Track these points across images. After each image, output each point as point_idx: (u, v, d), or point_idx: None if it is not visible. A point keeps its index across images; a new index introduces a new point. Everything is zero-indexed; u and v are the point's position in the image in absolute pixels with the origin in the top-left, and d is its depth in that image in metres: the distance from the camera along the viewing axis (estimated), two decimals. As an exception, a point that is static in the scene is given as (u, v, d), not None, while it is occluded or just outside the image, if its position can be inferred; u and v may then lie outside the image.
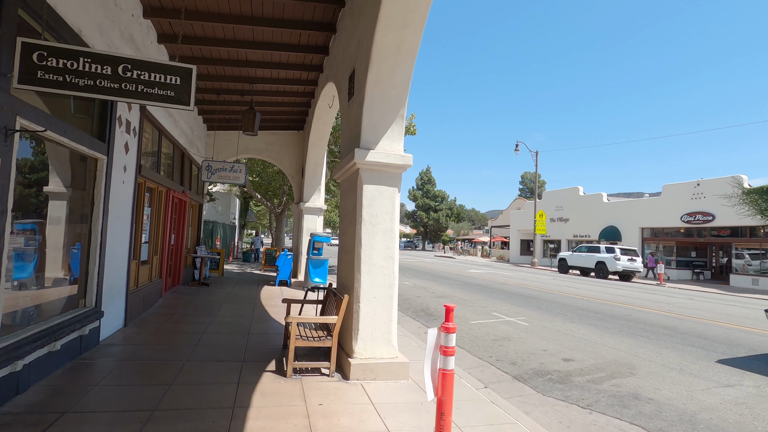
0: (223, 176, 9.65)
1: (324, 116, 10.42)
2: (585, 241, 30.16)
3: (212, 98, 9.98)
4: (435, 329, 2.68)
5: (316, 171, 12.33)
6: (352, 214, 4.88)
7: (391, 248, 4.75)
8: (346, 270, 5.02)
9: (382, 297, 4.66)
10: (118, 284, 5.67)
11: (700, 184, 22.88)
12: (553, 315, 9.38)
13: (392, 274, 4.73)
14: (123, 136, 5.55)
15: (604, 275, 21.96)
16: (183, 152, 9.41)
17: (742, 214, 19.52)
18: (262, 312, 7.80)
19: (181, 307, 7.68)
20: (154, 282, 7.69)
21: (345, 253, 5.19)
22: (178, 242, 9.67)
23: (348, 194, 5.15)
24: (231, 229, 22.05)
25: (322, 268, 11.45)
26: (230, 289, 10.43)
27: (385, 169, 4.76)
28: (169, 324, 6.39)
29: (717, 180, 22.02)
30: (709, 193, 22.32)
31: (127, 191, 5.83)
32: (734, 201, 20.03)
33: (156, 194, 7.58)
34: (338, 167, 5.48)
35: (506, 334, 7.37)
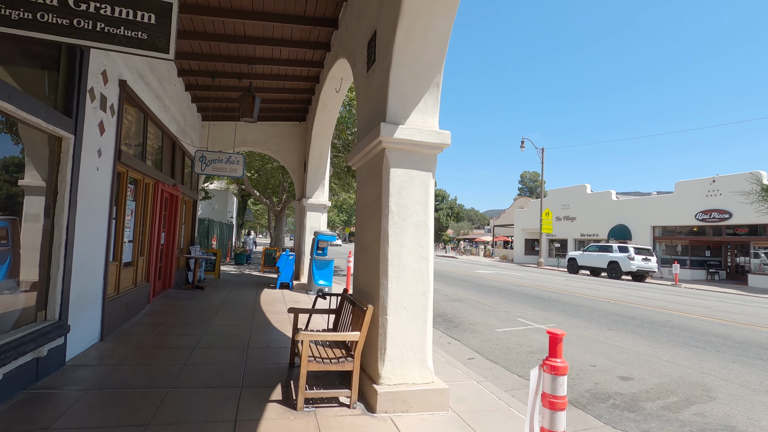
0: (218, 168, 8.73)
1: (330, 103, 9.50)
2: (592, 241, 29.33)
3: (206, 82, 9.04)
4: (537, 369, 1.79)
5: (320, 164, 11.42)
6: (375, 206, 3.97)
7: (425, 247, 3.84)
8: (367, 274, 4.12)
9: (414, 307, 3.76)
10: (91, 291, 4.75)
11: (715, 181, 22.05)
12: (585, 321, 8.49)
13: (426, 278, 3.82)
14: (96, 114, 4.63)
15: (617, 275, 21.11)
16: (174, 142, 8.49)
17: (761, 211, 18.72)
18: (262, 320, 6.88)
19: (171, 315, 6.75)
20: (139, 286, 6.76)
21: (364, 254, 4.28)
22: (168, 241, 8.75)
23: (368, 182, 4.24)
24: (228, 228, 21.11)
25: (326, 270, 10.53)
26: (227, 293, 9.51)
27: (417, 149, 3.86)
28: (155, 336, 5.47)
29: (734, 176, 21.19)
30: (725, 190, 21.49)
31: (103, 180, 4.91)
32: (753, 198, 19.20)
33: (142, 186, 6.65)
34: (354, 151, 4.57)
35: (542, 345, 6.47)
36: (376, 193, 3.97)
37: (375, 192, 4.00)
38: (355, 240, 4.72)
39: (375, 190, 4.00)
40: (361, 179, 4.56)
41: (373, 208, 4.03)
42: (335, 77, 8.18)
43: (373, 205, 4.06)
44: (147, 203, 7.08)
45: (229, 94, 9.83)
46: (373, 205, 4.04)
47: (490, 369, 5.34)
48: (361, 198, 4.51)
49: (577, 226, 31.06)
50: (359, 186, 4.67)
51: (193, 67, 8.31)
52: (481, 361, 5.64)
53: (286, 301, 9.03)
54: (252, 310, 7.74)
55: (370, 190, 4.16)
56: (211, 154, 8.80)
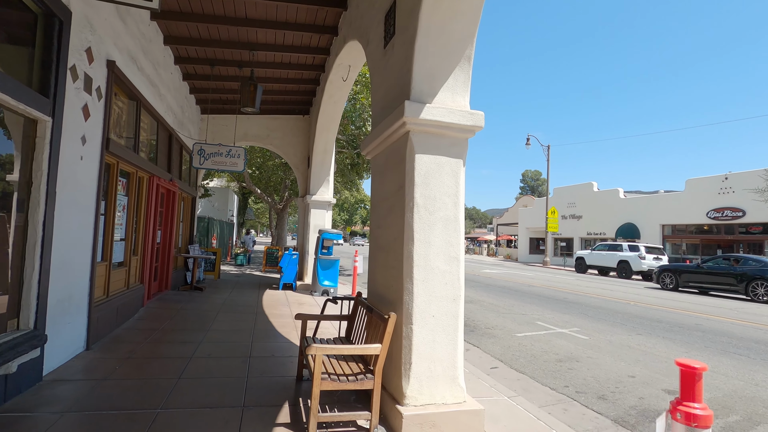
0: (218, 162, 8.22)
1: (336, 93, 8.98)
2: (599, 239, 28.83)
3: (205, 71, 8.53)
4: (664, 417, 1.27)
5: (325, 159, 10.91)
6: (396, 199, 3.46)
7: (455, 245, 3.33)
8: (387, 277, 3.60)
9: (443, 315, 3.24)
10: (75, 295, 4.24)
11: (728, 178, 21.51)
12: (610, 325, 7.97)
13: (457, 282, 3.31)
14: (80, 96, 4.12)
15: (628, 275, 20.58)
16: (171, 134, 7.97)
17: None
18: (265, 324, 6.37)
19: (167, 319, 6.25)
20: (132, 288, 6.25)
21: (382, 253, 3.77)
22: (165, 240, 8.24)
23: (388, 172, 3.73)
24: (229, 227, 20.62)
25: (332, 270, 10.03)
26: (227, 295, 9.00)
27: (446, 132, 3.34)
28: (148, 344, 4.96)
29: (748, 173, 20.65)
30: (738, 187, 20.95)
31: (89, 171, 4.39)
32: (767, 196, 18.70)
33: (134, 180, 6.14)
34: (370, 138, 4.06)
35: (569, 351, 5.96)
36: (397, 184, 3.46)
37: (396, 182, 3.49)
38: (371, 237, 4.20)
39: (396, 180, 3.49)
40: (378, 169, 4.05)
41: (394, 200, 3.52)
42: (342, 65, 7.66)
43: (393, 198, 3.54)
44: (141, 199, 6.57)
45: (229, 84, 9.32)
46: (393, 198, 3.52)
47: (517, 380, 4.83)
48: (378, 190, 3.99)
49: (584, 224, 30.54)
50: (375, 177, 4.16)
51: (191, 53, 7.80)
52: (506, 371, 5.13)
53: (289, 302, 8.52)
54: (254, 313, 7.23)
55: (390, 180, 3.65)
56: (211, 147, 8.29)
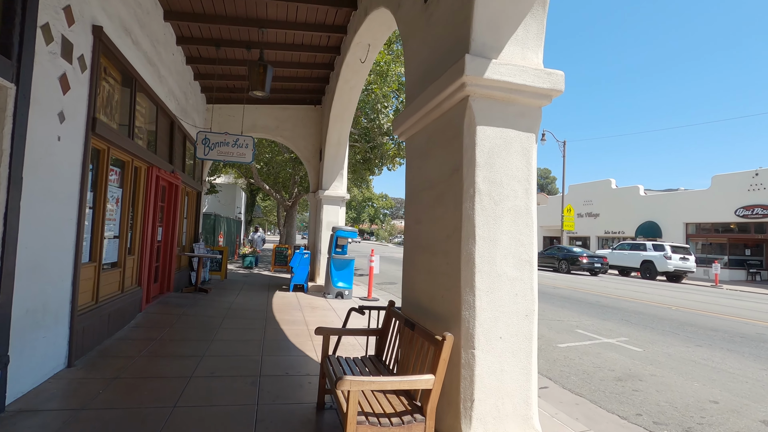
0: (224, 152, 7.52)
1: (352, 78, 8.24)
2: (617, 238, 27.83)
3: (210, 53, 7.83)
4: None
5: (338, 152, 10.18)
6: (448, 185, 2.70)
7: (527, 245, 2.57)
8: (433, 285, 2.85)
9: (513, 336, 2.48)
10: (52, 303, 3.54)
11: (758, 174, 20.43)
12: (660, 334, 7.15)
13: (530, 292, 2.55)
14: (57, 63, 3.41)
15: (652, 276, 19.62)
16: (173, 121, 7.27)
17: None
18: (276, 333, 5.66)
19: (167, 327, 5.55)
20: (128, 292, 5.56)
21: (425, 255, 3.01)
22: (167, 238, 7.56)
23: (436, 152, 2.96)
24: (236, 225, 20.00)
25: (346, 270, 9.30)
26: (234, 297, 8.31)
27: (515, 99, 2.58)
28: (143, 359, 4.26)
29: (780, 169, 19.59)
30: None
31: (70, 155, 3.69)
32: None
33: (130, 170, 5.44)
34: (407, 113, 3.30)
35: (626, 367, 5.16)
36: (449, 166, 2.70)
37: (447, 164, 2.73)
38: (407, 235, 3.45)
39: (447, 161, 2.73)
40: (418, 151, 3.29)
41: (444, 188, 2.76)
42: (361, 43, 6.91)
43: (443, 184, 2.78)
44: (138, 191, 5.87)
45: (236, 69, 8.60)
46: (444, 184, 2.76)
47: (576, 405, 4.05)
48: (419, 176, 3.23)
49: (601, 222, 29.54)
50: (413, 161, 3.40)
51: (194, 32, 7.09)
52: (559, 392, 4.35)
53: (301, 306, 7.81)
54: (263, 318, 6.52)
55: (438, 163, 2.89)
56: (216, 136, 7.58)
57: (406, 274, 3.43)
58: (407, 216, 3.50)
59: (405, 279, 3.44)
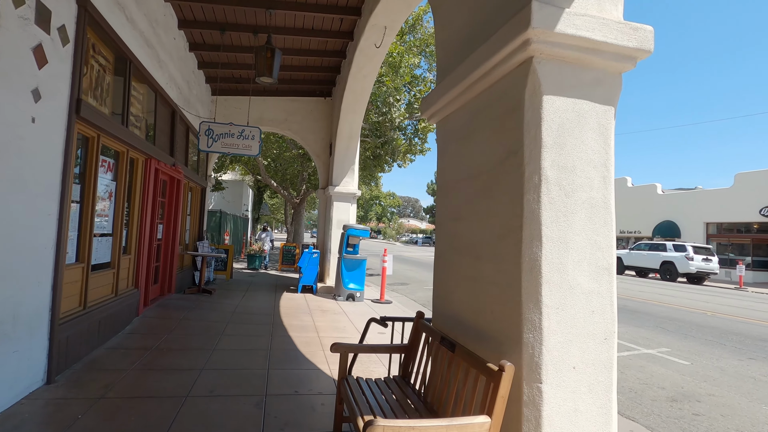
0: (229, 145, 7.02)
1: (366, 66, 7.71)
2: (633, 238, 27.04)
3: (215, 39, 7.33)
4: None
5: (350, 146, 9.66)
6: (502, 172, 2.16)
7: (606, 248, 2.01)
8: (478, 297, 2.30)
9: (589, 366, 1.93)
10: (24, 312, 3.05)
11: (786, 172, 19.56)
12: (703, 344, 6.53)
13: (609, 308, 2.00)
14: (29, 31, 2.91)
15: (672, 277, 18.87)
16: (174, 111, 6.79)
17: None
18: (284, 341, 5.15)
19: (165, 334, 5.07)
20: (122, 295, 5.08)
21: (467, 259, 2.46)
22: (168, 236, 7.09)
23: (482, 133, 2.41)
24: (243, 222, 19.59)
25: (358, 271, 8.78)
26: (239, 299, 7.83)
27: (591, 61, 2.02)
28: (134, 373, 3.77)
29: (809, 166, 18.68)
30: (798, 182, 19.02)
31: (47, 141, 3.20)
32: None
33: (125, 162, 4.96)
34: (442, 88, 2.75)
35: (677, 384, 4.58)
36: (501, 150, 2.15)
37: (498, 147, 2.18)
38: (441, 235, 2.90)
39: (499, 143, 2.18)
40: (455, 134, 2.74)
41: (493, 177, 2.21)
42: (377, 25, 6.37)
43: (491, 173, 2.23)
44: (135, 185, 5.40)
45: (242, 57, 8.11)
46: (493, 173, 2.21)
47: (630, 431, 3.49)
48: (456, 164, 2.68)
49: (617, 222, 28.70)
50: (448, 146, 2.85)
51: (197, 15, 6.59)
52: (606, 415, 3.78)
53: (311, 309, 7.30)
54: (270, 323, 6.02)
55: (484, 146, 2.34)
56: (220, 126, 7.08)
57: (438, 280, 2.88)
58: (440, 212, 2.96)
59: (437, 287, 2.90)
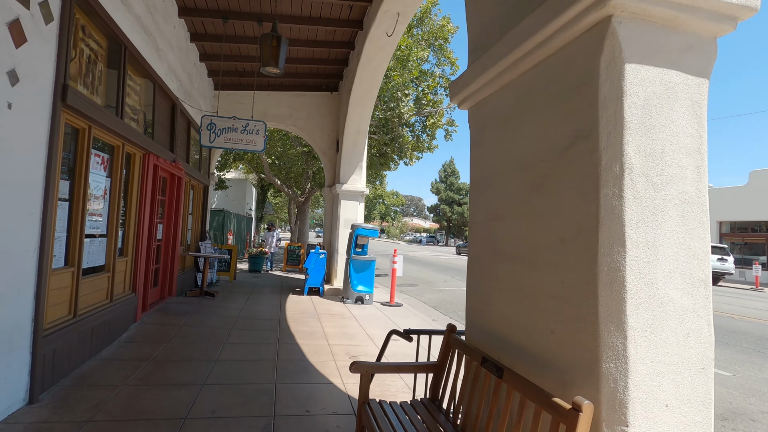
0: (232, 140, 6.65)
1: (376, 56, 7.32)
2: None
3: (217, 29, 6.96)
4: None
5: (357, 142, 9.27)
6: (559, 163, 1.76)
7: (702, 255, 1.62)
8: (529, 311, 1.90)
9: (684, 403, 1.54)
10: (1, 324, 2.69)
11: (803, 169, 19.04)
12: (740, 351, 6.12)
13: (706, 331, 1.60)
14: (4, 4, 2.54)
15: (686, 278, 18.36)
16: (174, 104, 6.42)
17: None
18: (291, 349, 4.78)
19: (164, 342, 4.70)
20: (118, 301, 4.72)
21: (514, 266, 2.07)
22: (169, 236, 6.73)
23: (535, 113, 2.01)
24: (247, 222, 19.27)
25: (367, 272, 8.41)
26: (243, 302, 7.46)
27: (684, 21, 1.62)
28: (128, 390, 3.40)
29: (828, 163, 18.16)
30: (816, 180, 18.49)
31: (27, 129, 2.83)
32: None
33: (120, 156, 4.59)
34: (480, 66, 2.36)
35: (723, 399, 4.17)
36: (564, 133, 1.75)
37: (560, 131, 1.78)
38: (477, 237, 2.51)
39: (561, 125, 1.78)
40: (496, 118, 2.34)
41: (551, 167, 1.82)
42: (389, 12, 5.99)
43: (549, 162, 1.84)
44: (132, 182, 5.04)
45: (246, 48, 7.74)
46: (551, 162, 1.82)
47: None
48: (499, 154, 2.29)
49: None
50: (486, 134, 2.46)
51: (199, 2, 6.22)
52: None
53: (318, 313, 6.94)
54: (276, 329, 5.65)
55: (538, 130, 1.94)
56: (223, 120, 6.71)
57: (473, 290, 2.49)
58: (475, 211, 2.56)
59: (472, 297, 2.50)
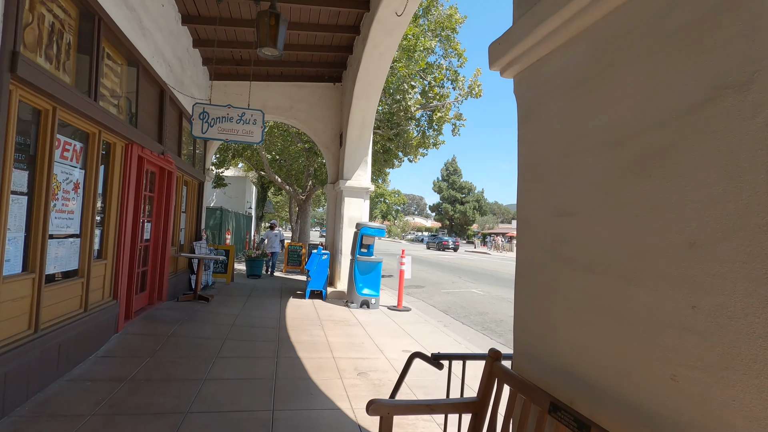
0: (226, 130, 6.07)
1: (383, 41, 6.77)
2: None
3: (211, 12, 6.40)
4: None
5: (363, 135, 8.70)
6: (675, 132, 1.19)
7: None
8: (619, 342, 1.33)
9: None
10: (-76, 349, 2.12)
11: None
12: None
13: None
14: None
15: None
16: (163, 90, 5.85)
17: None
18: (292, 365, 4.21)
19: (146, 357, 4.14)
20: (96, 309, 4.15)
21: (596, 279, 1.50)
22: (158, 236, 6.17)
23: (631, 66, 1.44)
24: (246, 220, 18.72)
25: (373, 274, 7.85)
26: (239, 308, 6.90)
27: None
28: (96, 422, 2.84)
29: None
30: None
31: (-39, 104, 2.26)
32: None
33: (96, 146, 4.03)
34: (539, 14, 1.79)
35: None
36: (698, 85, 1.18)
37: (684, 85, 1.21)
38: (526, 236, 1.95)
39: (685, 76, 1.21)
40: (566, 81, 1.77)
41: (659, 141, 1.25)
42: (400, -13, 5.41)
43: (661, 133, 1.27)
44: (112, 175, 4.47)
45: (242, 33, 7.17)
46: (663, 134, 1.25)
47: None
48: (572, 128, 1.71)
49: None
50: (546, 104, 1.88)
51: (189, -22, 5.65)
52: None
53: (321, 320, 6.38)
54: (275, 339, 5.09)
55: (639, 88, 1.37)
56: (217, 109, 6.12)
57: (525, 306, 1.93)
58: (527, 203, 1.99)
59: (525, 316, 1.94)
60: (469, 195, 68.80)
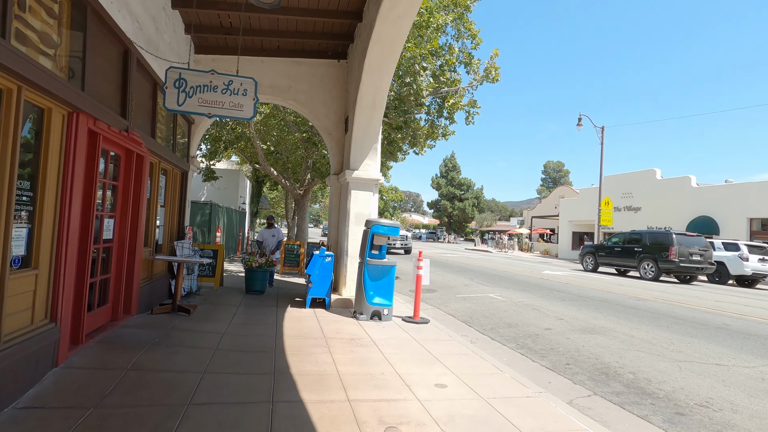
0: (209, 102, 4.84)
1: (403, 2, 5.56)
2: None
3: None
4: None
5: (373, 118, 7.49)
6: None
7: None
8: None
9: None
10: None
11: None
12: None
13: None
14: None
15: (722, 280, 16.79)
16: (128, 51, 4.62)
17: None
18: (292, 415, 3.03)
19: (89, 408, 2.93)
20: (20, 339, 2.95)
21: None
22: (124, 235, 4.96)
23: None
24: (239, 217, 17.46)
25: (386, 280, 6.68)
26: (227, 323, 5.71)
27: None
28: None
29: None
30: None
31: None
32: None
33: (14, 107, 2.81)
34: None
35: None
36: None
37: None
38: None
39: None
40: None
41: None
42: None
43: None
44: (46, 152, 3.26)
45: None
46: None
47: None
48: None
49: (643, 217, 26.67)
50: None
51: None
52: None
53: (327, 337, 5.21)
54: (269, 370, 3.91)
55: None
56: (197, 76, 4.88)
57: None
58: None
59: None
60: (468, 191, 67.72)
